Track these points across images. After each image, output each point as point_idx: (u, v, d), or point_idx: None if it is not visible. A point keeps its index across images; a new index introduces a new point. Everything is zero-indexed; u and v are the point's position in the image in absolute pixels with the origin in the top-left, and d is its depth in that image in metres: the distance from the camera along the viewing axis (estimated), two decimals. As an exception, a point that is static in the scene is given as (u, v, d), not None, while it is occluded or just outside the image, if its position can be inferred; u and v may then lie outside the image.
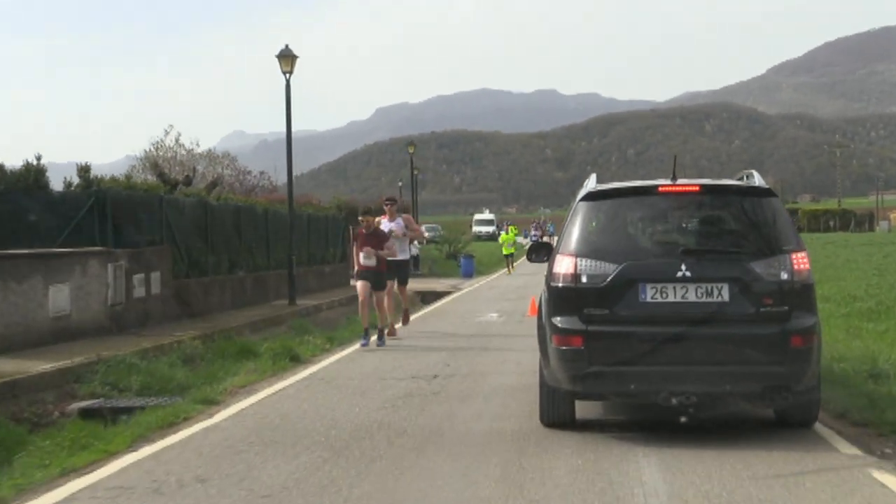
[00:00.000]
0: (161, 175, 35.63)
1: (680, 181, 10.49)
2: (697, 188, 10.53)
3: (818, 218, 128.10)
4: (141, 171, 39.11)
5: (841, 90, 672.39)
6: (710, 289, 9.58)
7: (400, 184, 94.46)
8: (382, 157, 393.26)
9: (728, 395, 9.75)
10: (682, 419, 9.99)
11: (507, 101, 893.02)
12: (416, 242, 54.53)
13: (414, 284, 45.67)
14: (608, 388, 9.86)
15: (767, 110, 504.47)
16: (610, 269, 9.73)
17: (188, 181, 35.05)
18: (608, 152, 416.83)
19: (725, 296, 9.56)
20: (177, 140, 39.44)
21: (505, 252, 52.71)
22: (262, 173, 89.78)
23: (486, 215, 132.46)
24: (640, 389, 9.65)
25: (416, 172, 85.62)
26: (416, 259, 53.83)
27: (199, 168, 40.07)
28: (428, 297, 38.86)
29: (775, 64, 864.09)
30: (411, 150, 55.94)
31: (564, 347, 9.79)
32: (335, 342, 20.15)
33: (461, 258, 52.87)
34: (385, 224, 20.37)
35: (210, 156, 40.40)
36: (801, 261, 9.73)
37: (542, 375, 10.65)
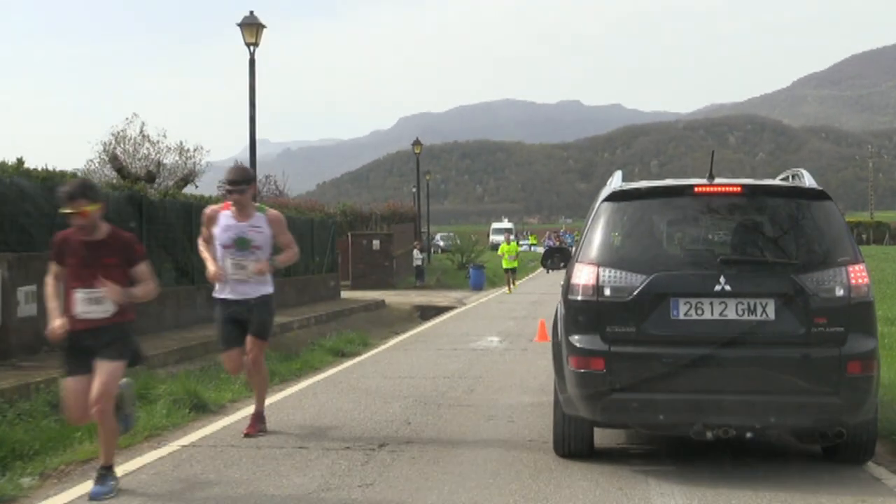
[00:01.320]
0: (120, 170, 30.93)
1: (718, 181, 9.17)
2: (739, 189, 9.07)
3: (850, 230, 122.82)
4: (99, 165, 34.40)
5: (867, 103, 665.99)
6: (752, 305, 8.32)
7: (414, 190, 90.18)
8: (405, 166, 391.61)
9: (773, 429, 8.54)
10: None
11: (531, 112, 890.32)
12: (417, 252, 50.28)
13: (416, 298, 41.56)
14: (633, 417, 8.56)
15: (792, 123, 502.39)
16: (637, 281, 8.47)
17: (151, 177, 30.36)
18: (631, 163, 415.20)
19: (771, 313, 8.31)
20: (141, 131, 34.55)
21: (505, 266, 43.35)
22: (267, 177, 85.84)
23: (504, 224, 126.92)
24: (671, 420, 8.40)
25: (427, 176, 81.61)
26: (420, 270, 49.42)
27: (167, 162, 35.20)
28: (428, 313, 34.47)
29: (801, 76, 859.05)
30: (418, 151, 51.19)
31: (584, 370, 8.51)
32: (276, 378, 15.44)
33: (470, 269, 47.85)
34: (225, 221, 10.95)
35: (181, 149, 35.46)
36: (859, 274, 8.40)
37: (557, 400, 9.32)
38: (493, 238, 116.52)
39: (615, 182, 9.64)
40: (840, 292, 8.29)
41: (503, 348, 19.68)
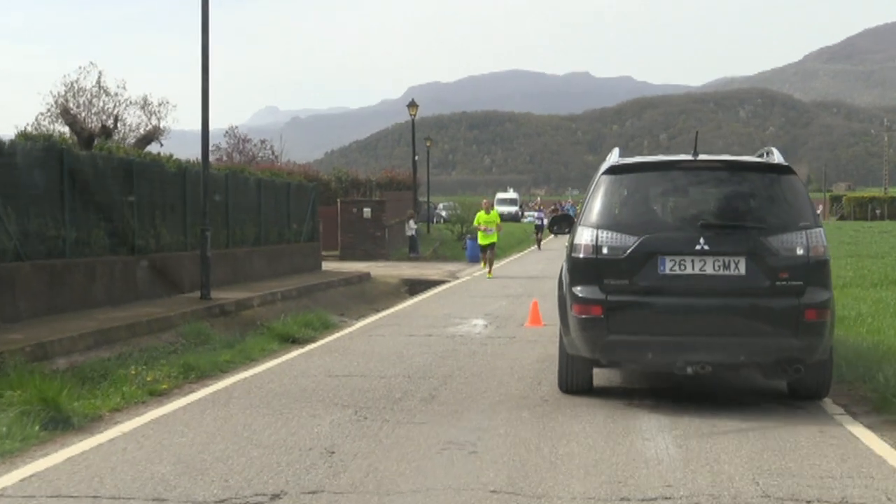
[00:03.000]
0: (73, 124, 27.68)
1: (701, 157, 10.60)
2: (718, 164, 10.70)
3: (863, 206, 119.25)
4: (50, 120, 31.02)
5: (879, 78, 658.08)
6: (727, 262, 9.71)
7: (416, 157, 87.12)
8: (415, 137, 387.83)
9: (742, 366, 9.99)
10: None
11: (540, 83, 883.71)
12: (412, 222, 46.92)
13: (407, 270, 38.17)
14: (626, 356, 10.09)
15: (803, 97, 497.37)
16: (630, 242, 9.84)
17: (107, 132, 27.10)
18: (640, 136, 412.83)
19: (742, 269, 9.70)
20: (98, 82, 31.07)
21: (482, 241, 33.67)
22: (262, 142, 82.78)
23: (510, 194, 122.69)
24: (657, 358, 9.91)
25: (427, 142, 78.80)
26: (413, 240, 46.21)
27: (129, 119, 31.87)
28: (417, 287, 31.37)
29: (812, 50, 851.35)
30: (413, 113, 47.84)
31: (585, 316, 9.90)
32: (193, 373, 12.29)
33: (467, 240, 44.55)
34: None
35: (145, 103, 32.11)
36: (817, 237, 9.85)
37: (561, 344, 10.67)
38: (498, 208, 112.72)
39: (613, 157, 10.90)
40: (800, 252, 9.72)
41: (486, 335, 16.48)
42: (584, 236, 10.05)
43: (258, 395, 10.76)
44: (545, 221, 50.69)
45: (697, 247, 9.67)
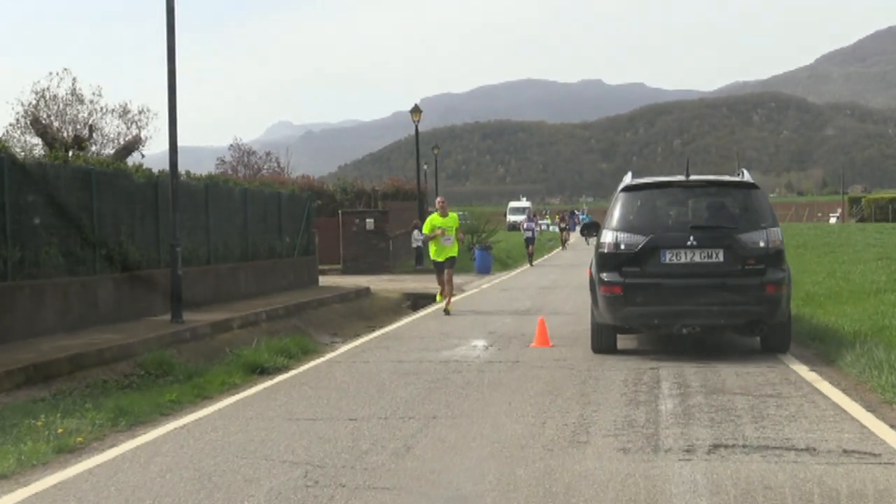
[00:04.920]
0: (44, 135, 25.61)
1: (692, 177, 14.64)
2: (704, 182, 14.82)
3: (884, 207, 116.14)
4: (20, 130, 28.84)
5: (893, 80, 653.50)
6: (710, 253, 13.56)
7: (426, 167, 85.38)
8: (425, 147, 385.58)
9: (722, 327, 14.02)
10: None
11: (552, 92, 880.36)
12: (417, 232, 44.57)
13: (411, 284, 35.82)
14: (639, 322, 13.93)
15: (817, 100, 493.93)
16: (640, 240, 13.73)
17: (80, 142, 25.02)
18: (654, 143, 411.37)
19: (721, 258, 13.55)
20: (72, 88, 28.90)
21: (436, 257, 23.47)
22: (268, 154, 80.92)
23: (522, 203, 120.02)
24: (662, 323, 13.84)
25: (434, 150, 77.22)
26: (420, 251, 44.06)
27: (107, 129, 29.73)
28: (420, 302, 29.29)
29: (825, 53, 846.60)
30: (416, 119, 45.64)
31: (609, 294, 13.69)
32: (124, 419, 10.17)
33: (475, 251, 42.25)
34: None
35: (124, 111, 29.99)
36: (775, 234, 13.69)
37: (593, 316, 14.50)
38: (511, 218, 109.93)
39: (627, 179, 14.85)
40: (762, 244, 13.60)
41: (486, 359, 14.34)
42: (608, 237, 13.97)
43: (191, 451, 8.63)
44: (536, 234, 47.65)
45: (688, 242, 13.53)
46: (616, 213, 14.07)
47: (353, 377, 12.85)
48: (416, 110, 46.73)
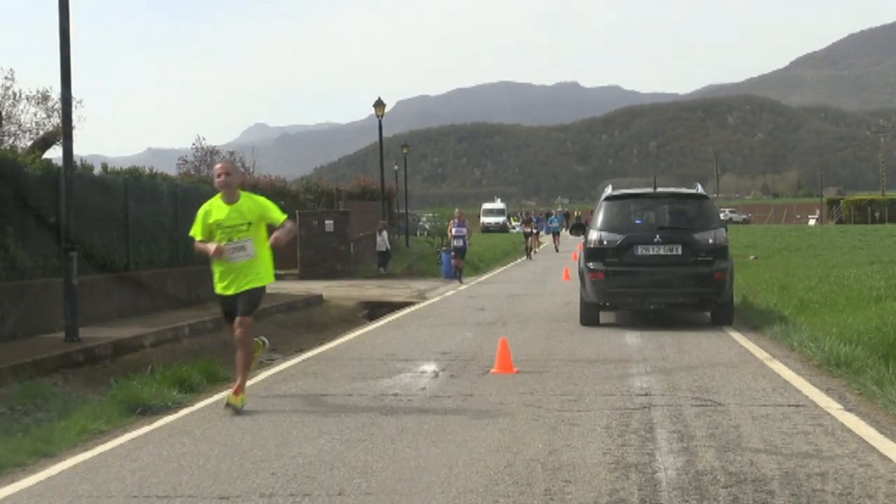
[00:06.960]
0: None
1: (659, 189, 18.80)
2: (667, 194, 19.01)
3: (863, 209, 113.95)
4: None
5: (865, 83, 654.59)
6: (672, 248, 17.47)
7: (395, 167, 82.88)
8: (401, 149, 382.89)
9: (680, 305, 18.00)
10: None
11: (528, 95, 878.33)
12: (384, 233, 41.50)
13: (371, 291, 32.38)
14: (618, 300, 17.98)
15: (791, 103, 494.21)
16: (619, 238, 17.68)
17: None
18: (629, 145, 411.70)
19: (680, 251, 17.45)
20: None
21: (220, 289, 11.67)
22: (231, 153, 78.15)
23: (497, 205, 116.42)
24: (635, 301, 17.93)
25: (404, 149, 75.07)
26: (384, 256, 41.12)
27: (27, 118, 26.71)
28: (378, 311, 26.60)
29: (799, 56, 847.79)
30: (380, 114, 42.79)
31: (595, 279, 17.59)
32: None
33: (442, 254, 39.27)
34: None
35: (43, 98, 26.97)
36: (721, 234, 17.65)
37: (581, 296, 18.40)
38: (484, 220, 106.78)
39: (609, 190, 19.04)
40: (711, 241, 17.49)
41: (432, 392, 11.39)
42: (594, 235, 18.01)
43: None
44: (467, 242, 36.69)
45: (655, 240, 17.59)
46: (600, 217, 18.26)
47: (255, 422, 9.86)
48: (379, 104, 43.95)
